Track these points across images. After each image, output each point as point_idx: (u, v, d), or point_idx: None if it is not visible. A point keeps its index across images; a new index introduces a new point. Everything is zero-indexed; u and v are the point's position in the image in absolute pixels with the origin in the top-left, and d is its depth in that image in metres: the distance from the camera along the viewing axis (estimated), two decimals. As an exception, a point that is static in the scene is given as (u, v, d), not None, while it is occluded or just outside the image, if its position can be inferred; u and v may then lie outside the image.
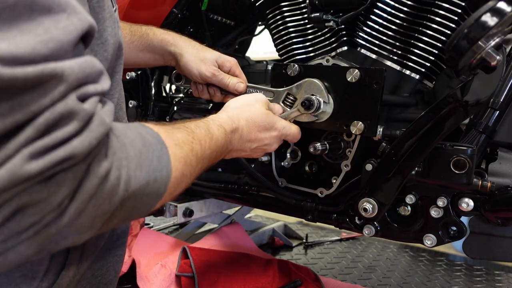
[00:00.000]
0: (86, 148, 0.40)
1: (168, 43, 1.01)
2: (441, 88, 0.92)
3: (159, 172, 0.51)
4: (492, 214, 0.83)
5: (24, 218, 0.38)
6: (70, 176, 0.39)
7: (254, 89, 1.01)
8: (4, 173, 0.35)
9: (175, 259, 1.29)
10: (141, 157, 0.48)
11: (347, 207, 0.99)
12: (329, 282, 1.32)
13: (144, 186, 0.48)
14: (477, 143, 0.84)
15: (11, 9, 0.35)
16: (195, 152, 0.60)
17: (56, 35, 0.37)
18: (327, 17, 0.96)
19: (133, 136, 0.49)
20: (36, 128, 0.36)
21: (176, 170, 0.54)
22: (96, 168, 0.42)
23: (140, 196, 0.49)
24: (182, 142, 0.58)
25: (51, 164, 0.37)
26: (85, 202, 0.41)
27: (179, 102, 1.27)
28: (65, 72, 0.38)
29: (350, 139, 0.98)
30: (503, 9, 0.63)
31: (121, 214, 0.48)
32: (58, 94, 0.37)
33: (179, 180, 0.56)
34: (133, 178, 0.46)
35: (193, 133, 0.62)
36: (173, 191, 0.56)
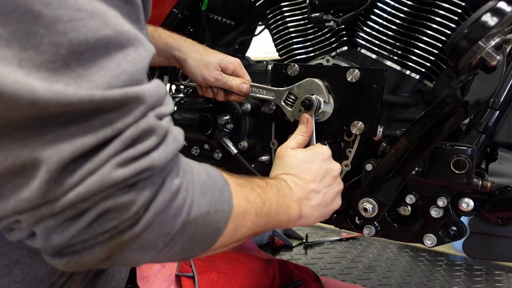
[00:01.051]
0: (163, 160, 0.44)
1: (172, 47, 1.02)
2: (441, 88, 0.92)
3: (220, 204, 0.52)
4: (492, 214, 0.83)
5: (106, 222, 0.42)
6: (149, 186, 0.44)
7: (258, 88, 1.01)
8: (96, 179, 0.40)
9: (175, 259, 1.29)
10: (205, 186, 0.51)
11: (347, 207, 0.99)
12: (329, 282, 1.32)
13: (205, 215, 0.50)
14: (477, 143, 0.84)
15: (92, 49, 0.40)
16: (257, 193, 0.61)
17: (126, 68, 0.43)
18: (327, 17, 0.96)
19: (199, 168, 0.53)
20: (122, 141, 0.42)
21: (238, 205, 0.55)
22: (169, 183, 0.46)
23: (201, 225, 0.50)
24: (242, 184, 0.60)
25: (135, 172, 0.42)
26: (156, 215, 0.45)
27: (179, 102, 1.27)
28: (145, 94, 0.43)
29: (350, 139, 0.98)
30: (503, 9, 0.63)
31: (182, 241, 0.49)
32: (139, 113, 0.43)
33: (242, 216, 0.56)
34: (195, 203, 0.49)
35: (251, 179, 0.64)
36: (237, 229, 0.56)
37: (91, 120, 0.41)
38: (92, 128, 0.41)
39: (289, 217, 0.69)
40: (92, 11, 0.40)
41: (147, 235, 0.45)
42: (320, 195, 0.76)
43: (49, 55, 0.38)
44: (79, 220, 0.42)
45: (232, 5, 1.36)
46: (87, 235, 0.42)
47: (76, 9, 0.39)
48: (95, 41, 0.40)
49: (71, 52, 0.39)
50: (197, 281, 1.15)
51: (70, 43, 0.39)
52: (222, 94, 1.05)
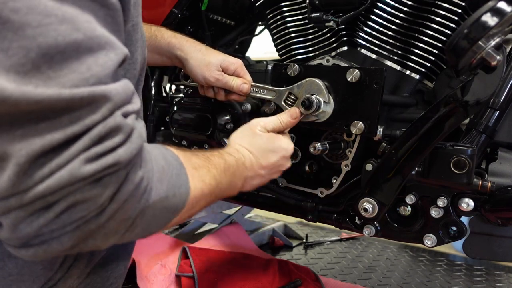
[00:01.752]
0: (128, 156, 0.47)
1: (175, 47, 1.03)
2: (441, 88, 0.92)
3: (178, 188, 0.57)
4: (492, 214, 0.83)
5: (74, 213, 0.45)
6: (114, 180, 0.47)
7: (258, 88, 1.01)
8: (65, 173, 0.43)
9: (175, 259, 1.29)
10: (163, 172, 0.55)
11: (347, 207, 0.99)
12: (329, 282, 1.32)
13: (164, 199, 0.54)
14: (477, 143, 0.84)
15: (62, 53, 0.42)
16: (212, 174, 0.66)
17: (96, 72, 0.45)
18: (327, 17, 0.96)
19: (156, 153, 0.56)
20: (90, 138, 0.44)
21: (195, 188, 0.60)
22: (133, 176, 0.49)
23: (160, 208, 0.54)
24: (198, 165, 0.64)
25: (102, 168, 0.45)
26: (120, 205, 0.48)
27: (179, 102, 1.27)
28: (112, 93, 0.46)
29: (350, 139, 0.98)
30: (503, 9, 0.63)
31: (142, 224, 0.53)
32: (107, 111, 0.45)
33: (198, 198, 0.62)
34: (154, 190, 0.52)
35: (208, 159, 0.68)
36: (191, 208, 0.61)
37: (60, 117, 0.43)
38: (61, 124, 0.43)
39: (233, 192, 0.77)
40: (62, 16, 0.42)
41: (111, 223, 0.48)
42: (263, 179, 0.86)
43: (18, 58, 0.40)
44: (48, 211, 0.44)
45: (232, 5, 1.36)
46: (55, 226, 0.45)
47: (46, 14, 0.41)
48: (65, 45, 0.42)
49: (41, 56, 0.41)
50: (197, 281, 1.15)
51: (40, 47, 0.41)
52: (222, 93, 1.06)
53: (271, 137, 0.86)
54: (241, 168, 0.78)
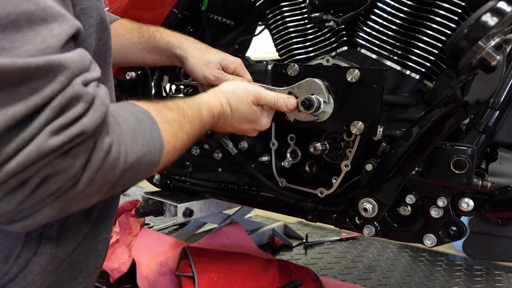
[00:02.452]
0: (93, 125, 0.47)
1: (174, 46, 1.03)
2: (441, 88, 0.92)
3: (152, 145, 0.59)
4: (492, 214, 0.83)
5: (49, 186, 0.46)
6: (83, 150, 0.47)
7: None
8: (33, 148, 0.43)
9: (175, 259, 1.29)
10: (135, 132, 0.56)
11: (347, 207, 0.99)
12: (329, 282, 1.32)
13: (141, 158, 0.56)
14: (477, 143, 0.84)
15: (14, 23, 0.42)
16: (185, 130, 0.68)
17: (51, 43, 0.45)
18: (327, 17, 0.96)
19: (125, 114, 0.57)
20: (52, 110, 0.44)
21: (168, 143, 0.62)
22: (101, 143, 0.49)
23: (138, 167, 0.56)
24: (172, 120, 0.65)
25: (68, 139, 0.45)
26: (94, 173, 0.49)
27: (179, 102, 1.27)
28: (67, 61, 0.46)
29: (350, 139, 0.98)
30: (503, 9, 0.63)
31: (123, 183, 0.56)
32: (65, 80, 0.45)
33: (172, 152, 0.65)
34: (130, 151, 0.54)
35: (184, 113, 0.70)
36: (166, 161, 0.64)
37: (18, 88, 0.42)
38: (21, 96, 0.42)
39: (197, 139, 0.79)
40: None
41: (90, 188, 0.50)
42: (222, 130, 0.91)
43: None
44: (23, 188, 0.45)
45: (232, 5, 1.36)
46: (33, 200, 0.46)
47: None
48: (16, 14, 0.42)
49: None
50: (197, 281, 1.15)
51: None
52: None
53: (256, 111, 0.90)
54: (214, 124, 0.82)
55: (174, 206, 1.24)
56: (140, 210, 1.25)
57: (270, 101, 0.91)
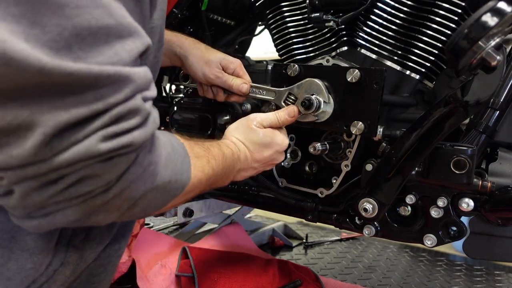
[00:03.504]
0: (142, 139, 0.49)
1: (174, 44, 1.03)
2: (441, 88, 0.92)
3: (180, 175, 0.60)
4: (492, 214, 0.83)
5: (82, 187, 0.47)
6: (124, 160, 0.48)
7: (258, 89, 1.01)
8: (82, 149, 0.45)
9: (175, 259, 1.29)
10: (169, 158, 0.58)
11: (347, 207, 0.99)
12: (329, 282, 1.32)
13: (166, 184, 0.57)
14: (477, 143, 0.84)
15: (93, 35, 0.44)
16: (211, 165, 0.69)
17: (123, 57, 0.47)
18: (327, 17, 0.96)
19: (165, 140, 0.59)
20: (110, 117, 0.46)
21: (195, 177, 0.63)
22: (142, 159, 0.51)
23: (161, 192, 0.57)
24: (200, 155, 0.68)
25: (117, 147, 0.46)
26: (127, 186, 0.50)
27: (179, 102, 1.27)
28: (135, 76, 0.48)
29: (350, 139, 0.98)
30: (503, 9, 0.63)
31: (142, 205, 0.55)
32: (129, 92, 0.47)
33: (195, 186, 0.65)
34: (159, 175, 0.55)
35: (209, 150, 0.72)
36: (187, 194, 0.64)
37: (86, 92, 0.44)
38: (86, 100, 0.44)
39: (225, 182, 0.79)
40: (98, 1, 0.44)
41: (115, 201, 0.50)
42: (255, 171, 0.90)
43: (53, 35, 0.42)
44: (58, 183, 0.46)
45: (232, 5, 1.36)
46: (62, 197, 0.47)
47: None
48: (97, 28, 0.44)
49: (74, 35, 0.43)
50: (197, 281, 1.15)
51: (74, 27, 0.42)
52: (222, 94, 1.05)
53: (266, 132, 0.87)
54: (236, 161, 0.81)
55: (174, 206, 1.24)
56: (140, 210, 1.25)
57: (273, 119, 0.90)
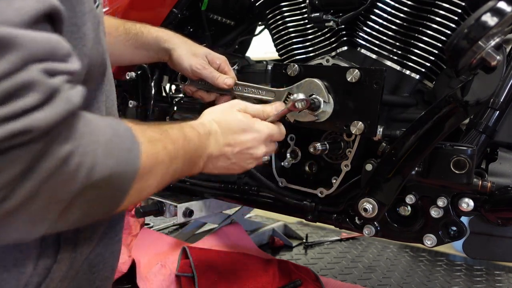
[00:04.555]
0: (45, 123, 0.38)
1: (162, 39, 1.05)
2: (441, 88, 0.92)
3: (125, 165, 0.49)
4: (492, 214, 0.83)
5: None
6: (25, 154, 0.37)
7: (257, 89, 1.01)
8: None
9: (175, 259, 1.29)
10: (110, 146, 0.46)
11: (347, 207, 0.99)
12: (329, 282, 1.32)
13: (109, 177, 0.46)
14: (477, 143, 0.84)
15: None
16: (168, 151, 0.58)
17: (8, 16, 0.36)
18: (327, 17, 0.96)
19: (104, 124, 0.48)
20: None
21: (145, 166, 0.52)
22: (56, 149, 0.39)
23: (104, 187, 0.46)
24: (154, 139, 0.57)
25: (6, 135, 0.35)
26: (39, 185, 0.39)
27: (179, 102, 1.27)
28: (25, 39, 0.37)
29: (350, 139, 0.98)
30: (503, 9, 0.63)
31: (82, 206, 0.45)
32: (17, 60, 0.36)
33: (147, 178, 0.54)
34: (98, 165, 0.44)
35: (166, 132, 0.61)
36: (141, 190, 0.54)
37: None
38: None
39: (190, 171, 0.69)
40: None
41: (34, 206, 0.40)
42: (228, 162, 0.77)
43: None
44: None
45: (232, 5, 1.36)
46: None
47: None
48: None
49: None
50: (197, 281, 1.15)
51: None
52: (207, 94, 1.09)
53: (245, 117, 0.78)
54: (203, 144, 0.70)
55: (174, 206, 1.24)
56: (140, 210, 1.25)
57: (258, 109, 0.82)
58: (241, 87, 1.04)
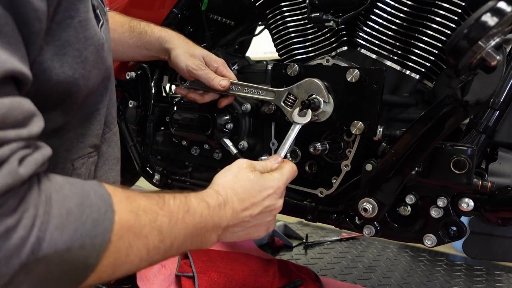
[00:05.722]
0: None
1: (164, 40, 1.07)
2: (441, 88, 0.92)
3: (89, 238, 0.44)
4: (492, 214, 0.83)
5: None
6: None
7: (257, 89, 1.01)
8: None
9: (175, 259, 1.29)
10: (67, 217, 0.43)
11: (347, 207, 0.99)
12: (329, 282, 1.32)
13: (63, 252, 0.43)
14: (477, 143, 0.84)
15: None
16: (158, 224, 0.53)
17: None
18: (327, 17, 0.96)
19: (69, 192, 0.45)
20: None
21: (120, 239, 0.48)
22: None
23: (57, 263, 0.43)
24: (143, 210, 0.51)
25: None
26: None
27: (179, 102, 1.27)
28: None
29: (350, 139, 0.98)
30: (503, 9, 0.63)
31: (30, 282, 0.42)
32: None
33: (124, 253, 0.49)
34: (47, 240, 0.41)
35: (165, 203, 0.56)
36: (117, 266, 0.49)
37: None
38: None
39: (200, 247, 0.64)
40: None
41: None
42: (248, 225, 0.71)
43: None
44: None
45: (232, 5, 1.36)
46: None
47: None
48: None
49: None
50: (197, 281, 1.15)
51: None
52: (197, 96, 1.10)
53: (258, 176, 0.73)
54: (218, 217, 0.64)
55: (174, 206, 1.24)
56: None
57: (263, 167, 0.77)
58: (241, 87, 1.04)
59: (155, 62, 1.33)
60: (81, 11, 0.53)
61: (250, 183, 0.71)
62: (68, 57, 0.52)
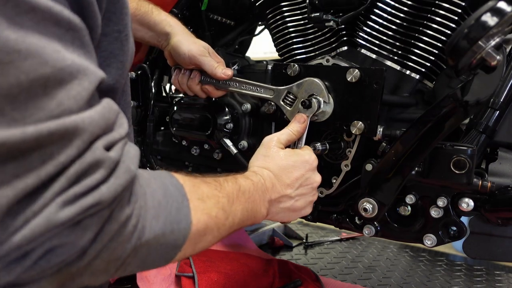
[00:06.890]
0: (112, 194, 0.43)
1: (168, 24, 1.05)
2: (441, 88, 0.92)
3: (176, 224, 0.52)
4: (492, 214, 0.83)
5: (52, 258, 0.41)
6: (96, 221, 0.42)
7: (256, 86, 1.01)
8: (41, 221, 0.39)
9: (175, 259, 1.29)
10: (159, 207, 0.51)
11: (347, 207, 0.99)
12: (329, 282, 1.32)
13: (159, 237, 0.50)
14: (477, 143, 0.84)
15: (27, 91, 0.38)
16: (220, 206, 0.61)
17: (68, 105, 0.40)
18: (327, 17, 0.96)
19: (155, 186, 0.52)
20: (67, 178, 0.40)
21: (198, 222, 0.56)
22: (118, 214, 0.45)
23: (155, 246, 0.50)
24: (206, 196, 0.59)
25: (81, 210, 0.41)
26: (103, 246, 0.44)
27: (179, 102, 1.27)
28: (85, 122, 0.41)
29: (350, 139, 0.98)
30: (503, 9, 0.63)
31: (135, 262, 0.50)
32: (82, 143, 0.41)
33: (202, 233, 0.57)
34: (147, 228, 0.48)
35: (221, 186, 0.64)
36: (196, 243, 0.57)
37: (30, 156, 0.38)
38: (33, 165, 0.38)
39: (254, 220, 0.71)
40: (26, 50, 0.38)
41: (95, 263, 0.44)
42: (292, 201, 0.78)
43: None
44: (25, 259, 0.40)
45: (232, 5, 1.36)
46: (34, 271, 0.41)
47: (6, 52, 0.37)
48: (29, 82, 0.38)
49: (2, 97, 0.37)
50: (197, 281, 1.15)
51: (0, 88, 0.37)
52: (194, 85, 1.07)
53: (288, 152, 0.80)
54: (262, 191, 0.72)
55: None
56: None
57: (288, 133, 0.85)
58: (239, 83, 1.04)
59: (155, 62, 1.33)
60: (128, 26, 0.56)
61: (283, 161, 0.78)
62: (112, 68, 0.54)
